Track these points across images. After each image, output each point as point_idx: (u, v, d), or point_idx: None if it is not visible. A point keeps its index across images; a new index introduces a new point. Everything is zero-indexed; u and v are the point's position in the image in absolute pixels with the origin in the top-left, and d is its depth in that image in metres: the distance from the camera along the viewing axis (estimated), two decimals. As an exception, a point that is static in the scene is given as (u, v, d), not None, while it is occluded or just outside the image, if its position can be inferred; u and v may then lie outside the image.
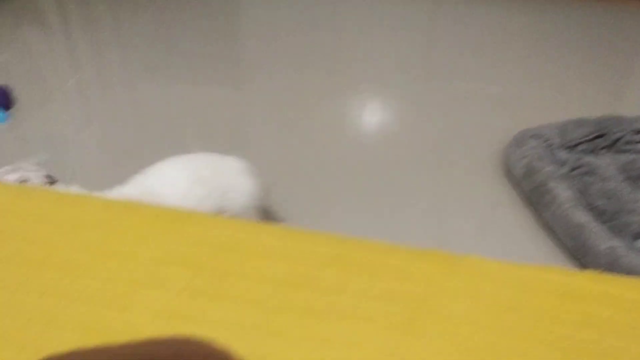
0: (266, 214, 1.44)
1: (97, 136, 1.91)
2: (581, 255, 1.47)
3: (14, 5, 2.75)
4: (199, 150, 1.37)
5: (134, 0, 2.87)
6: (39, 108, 2.02)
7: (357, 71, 2.36)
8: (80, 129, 1.93)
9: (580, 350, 0.60)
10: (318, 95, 2.18)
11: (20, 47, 2.40)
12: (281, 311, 0.62)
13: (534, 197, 1.64)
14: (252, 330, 0.60)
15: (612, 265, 1.39)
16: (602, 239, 1.44)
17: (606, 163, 1.73)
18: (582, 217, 1.51)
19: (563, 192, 1.58)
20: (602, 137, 1.83)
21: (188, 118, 2.03)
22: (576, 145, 1.80)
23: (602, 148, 1.81)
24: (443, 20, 2.79)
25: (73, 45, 2.45)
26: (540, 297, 0.64)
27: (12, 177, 1.09)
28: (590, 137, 1.82)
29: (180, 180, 1.26)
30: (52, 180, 1.16)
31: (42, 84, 2.17)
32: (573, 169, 1.69)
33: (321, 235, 0.71)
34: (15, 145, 1.83)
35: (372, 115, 2.10)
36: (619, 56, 2.50)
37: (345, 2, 2.95)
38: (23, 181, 1.13)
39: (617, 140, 1.82)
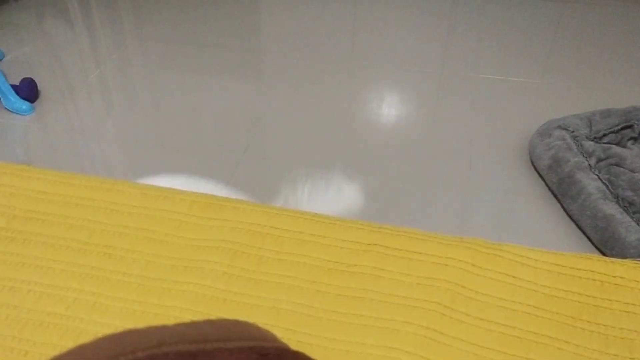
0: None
1: (118, 128, 1.92)
2: (609, 247, 1.45)
3: (37, -2, 2.78)
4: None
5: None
6: (62, 100, 2.04)
7: (377, 63, 2.35)
8: (103, 121, 1.95)
9: (622, 339, 0.59)
10: (338, 88, 2.18)
11: (43, 40, 2.43)
12: (318, 296, 0.62)
13: (560, 188, 1.62)
14: (290, 315, 0.60)
15: (641, 257, 1.38)
16: (631, 230, 1.43)
17: (634, 154, 1.71)
18: (610, 208, 1.50)
19: (591, 183, 1.56)
20: (629, 127, 1.80)
21: (207, 111, 2.03)
22: (603, 136, 1.78)
23: (630, 139, 1.79)
24: (464, 12, 2.77)
25: (95, 38, 2.47)
26: (581, 285, 0.63)
27: None
28: (618, 128, 1.80)
29: None
30: None
31: (65, 76, 2.19)
32: (600, 160, 1.67)
33: (356, 223, 0.71)
34: (39, 136, 1.86)
35: (394, 108, 2.09)
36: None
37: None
38: None
39: (645, 131, 1.79)
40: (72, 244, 0.65)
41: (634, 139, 1.79)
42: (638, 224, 1.45)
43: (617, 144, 1.77)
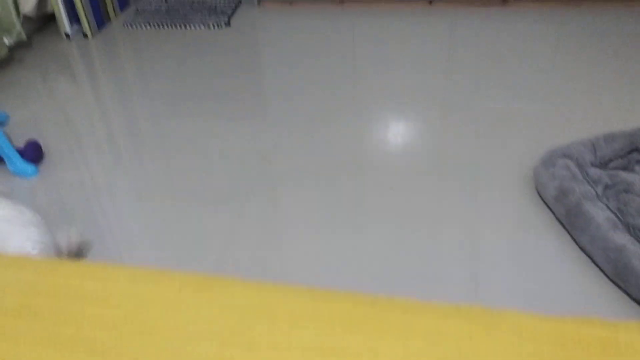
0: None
1: (128, 182, 1.93)
2: (623, 279, 1.41)
3: (41, 56, 2.84)
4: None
5: (155, 43, 2.93)
6: (68, 159, 2.06)
7: (378, 95, 2.35)
8: (111, 177, 1.97)
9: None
10: (340, 122, 2.18)
11: (48, 98, 2.47)
12: (313, 381, 0.60)
13: (569, 220, 1.59)
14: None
15: (657, 290, 1.34)
16: (644, 262, 1.39)
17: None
18: (621, 238, 1.46)
19: (599, 213, 1.53)
20: (636, 151, 1.77)
21: (215, 152, 2.04)
22: (609, 161, 1.75)
23: (637, 162, 1.76)
24: (462, 42, 2.77)
25: (100, 94, 2.51)
26: (584, 353, 0.60)
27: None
28: (623, 152, 1.77)
29: None
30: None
31: (71, 134, 2.22)
32: (608, 187, 1.64)
33: (350, 296, 0.69)
34: (46, 197, 1.87)
35: (396, 139, 2.08)
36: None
37: (363, 24, 2.96)
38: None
39: (652, 154, 1.76)
40: (60, 339, 0.64)
41: (641, 162, 1.76)
42: (652, 254, 1.42)
43: (624, 169, 1.74)
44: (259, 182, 1.89)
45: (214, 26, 3.01)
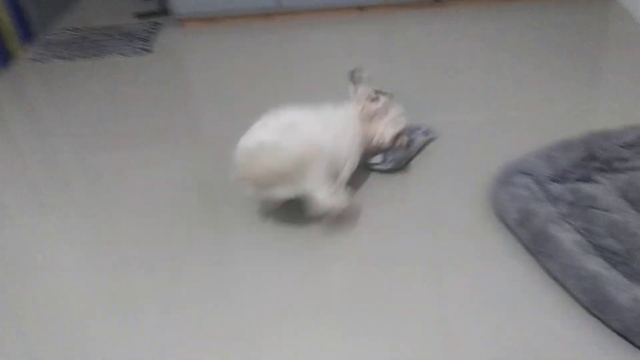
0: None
1: (53, 225, 1.71)
2: (602, 310, 1.30)
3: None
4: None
5: (69, 77, 2.66)
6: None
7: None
8: (34, 222, 1.74)
9: None
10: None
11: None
12: None
13: (535, 246, 1.47)
14: None
15: (640, 321, 1.23)
16: (621, 288, 1.27)
17: (605, 190, 1.57)
18: (593, 263, 1.34)
19: (567, 237, 1.41)
20: (593, 159, 1.67)
21: (152, 181, 1.88)
22: (567, 172, 1.64)
23: (596, 170, 1.66)
24: (396, 45, 2.65)
25: (13, 138, 2.24)
26: None
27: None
28: (581, 161, 1.67)
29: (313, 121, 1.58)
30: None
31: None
32: (571, 205, 1.52)
33: None
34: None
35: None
36: (586, 61, 2.37)
37: (295, 38, 2.79)
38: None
39: (610, 159, 1.67)
40: None
41: (601, 170, 1.67)
42: (628, 278, 1.31)
43: (584, 180, 1.63)
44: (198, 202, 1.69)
45: (133, 53, 2.76)
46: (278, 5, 2.88)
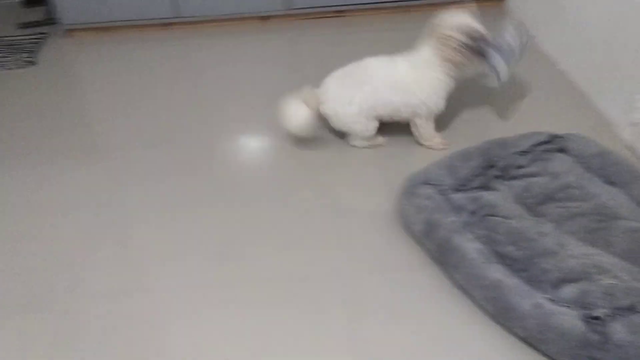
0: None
1: None
2: (506, 318, 1.31)
3: None
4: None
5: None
6: None
7: (222, 124, 2.10)
8: None
9: None
10: (183, 153, 1.89)
11: None
12: None
13: (441, 257, 1.47)
14: None
15: (542, 327, 1.25)
16: (523, 296, 1.30)
17: (503, 197, 1.61)
18: (496, 271, 1.36)
19: (469, 247, 1.42)
20: (492, 166, 1.71)
21: (52, 202, 1.70)
22: (468, 181, 1.67)
23: (495, 177, 1.69)
24: (302, 53, 2.61)
25: None
26: None
27: None
28: (481, 169, 1.70)
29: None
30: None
31: None
32: (473, 214, 1.54)
33: None
34: None
35: (241, 173, 1.85)
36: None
37: (196, 48, 2.68)
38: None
39: (507, 166, 1.71)
40: None
41: (499, 177, 1.71)
42: (528, 284, 1.34)
43: (484, 188, 1.66)
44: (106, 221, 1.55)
45: (16, 66, 2.54)
46: (176, 15, 2.76)
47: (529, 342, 1.28)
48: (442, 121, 2.03)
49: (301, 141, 1.99)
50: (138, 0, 2.70)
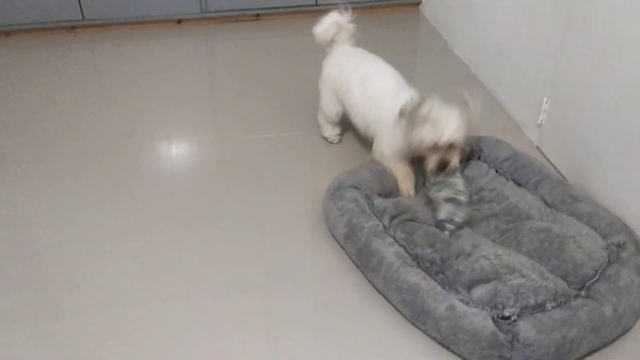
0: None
1: None
2: (421, 322, 1.33)
3: None
4: None
5: None
6: None
7: (149, 135, 2.01)
8: None
9: None
10: (104, 164, 1.80)
11: None
12: None
13: (361, 260, 1.47)
14: None
15: (455, 329, 1.27)
16: (438, 299, 1.31)
17: (422, 203, 1.64)
18: (413, 275, 1.37)
19: (388, 250, 1.43)
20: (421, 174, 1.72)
21: None
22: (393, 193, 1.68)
23: (422, 185, 1.71)
24: (220, 58, 2.55)
25: None
26: None
27: None
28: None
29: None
30: None
31: None
32: (393, 217, 1.55)
33: None
34: None
35: (162, 182, 1.77)
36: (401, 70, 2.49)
37: (104, 52, 2.56)
38: None
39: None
40: None
41: (423, 184, 1.72)
42: (444, 286, 1.35)
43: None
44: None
45: None
46: (82, 18, 2.62)
47: (444, 344, 1.30)
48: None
49: (223, 142, 1.94)
50: (43, 3, 2.55)
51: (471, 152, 1.79)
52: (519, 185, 1.69)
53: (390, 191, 1.68)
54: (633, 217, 1.50)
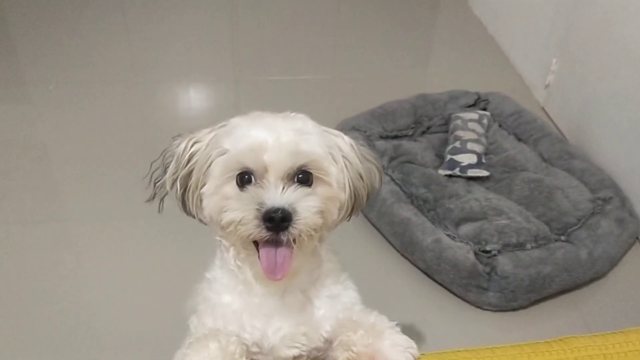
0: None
1: None
2: (409, 252, 1.43)
3: None
4: None
5: None
6: None
7: (162, 77, 2.12)
8: None
9: None
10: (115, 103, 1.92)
11: None
12: None
13: (357, 196, 1.57)
14: None
15: (439, 259, 1.37)
16: (427, 232, 1.41)
17: (422, 147, 1.72)
18: (406, 210, 1.47)
19: (384, 187, 1.52)
20: (418, 123, 1.81)
21: None
22: (395, 132, 1.76)
23: (419, 132, 1.79)
24: (243, 12, 2.63)
25: None
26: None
27: None
28: (409, 123, 1.78)
29: None
30: None
31: None
32: (392, 159, 1.64)
33: None
34: None
35: (172, 111, 1.89)
36: (420, 32, 2.54)
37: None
38: None
39: (432, 125, 1.82)
40: None
41: (423, 132, 1.81)
42: (433, 222, 1.45)
43: (408, 138, 1.76)
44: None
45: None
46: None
47: (428, 273, 1.40)
48: (378, 72, 2.10)
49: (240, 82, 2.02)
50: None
51: (477, 100, 1.86)
52: (520, 140, 1.76)
53: (389, 134, 1.75)
54: (623, 176, 1.57)
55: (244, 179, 0.62)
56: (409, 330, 0.66)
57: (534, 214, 1.48)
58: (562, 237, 1.41)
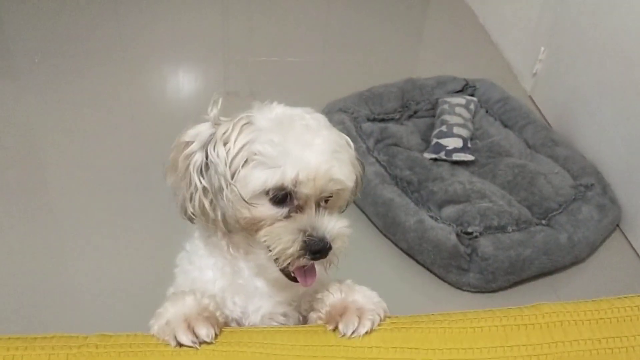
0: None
1: None
2: (392, 232, 1.44)
3: None
4: None
5: None
6: None
7: (152, 46, 2.10)
8: None
9: None
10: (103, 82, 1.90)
11: None
12: None
13: (342, 177, 1.57)
14: None
15: (421, 240, 1.38)
16: (410, 213, 1.42)
17: (409, 130, 1.73)
18: (389, 192, 1.48)
19: (369, 169, 1.53)
20: (406, 107, 1.81)
21: None
22: (382, 116, 1.77)
23: (406, 116, 1.80)
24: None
25: None
26: None
27: None
28: (397, 107, 1.79)
29: None
30: None
31: None
32: (378, 141, 1.65)
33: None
34: None
35: (171, 103, 1.88)
36: (411, 18, 2.54)
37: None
38: None
39: (418, 109, 1.82)
40: None
41: (410, 116, 1.81)
42: (416, 204, 1.46)
43: (394, 122, 1.77)
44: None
45: None
46: None
47: (410, 253, 1.41)
48: (367, 55, 2.10)
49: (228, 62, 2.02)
50: None
51: (465, 86, 1.86)
52: (505, 126, 1.77)
53: (376, 117, 1.75)
54: (605, 164, 1.59)
55: (281, 196, 0.62)
56: (388, 309, 0.66)
57: (516, 198, 1.49)
58: (543, 221, 1.42)
